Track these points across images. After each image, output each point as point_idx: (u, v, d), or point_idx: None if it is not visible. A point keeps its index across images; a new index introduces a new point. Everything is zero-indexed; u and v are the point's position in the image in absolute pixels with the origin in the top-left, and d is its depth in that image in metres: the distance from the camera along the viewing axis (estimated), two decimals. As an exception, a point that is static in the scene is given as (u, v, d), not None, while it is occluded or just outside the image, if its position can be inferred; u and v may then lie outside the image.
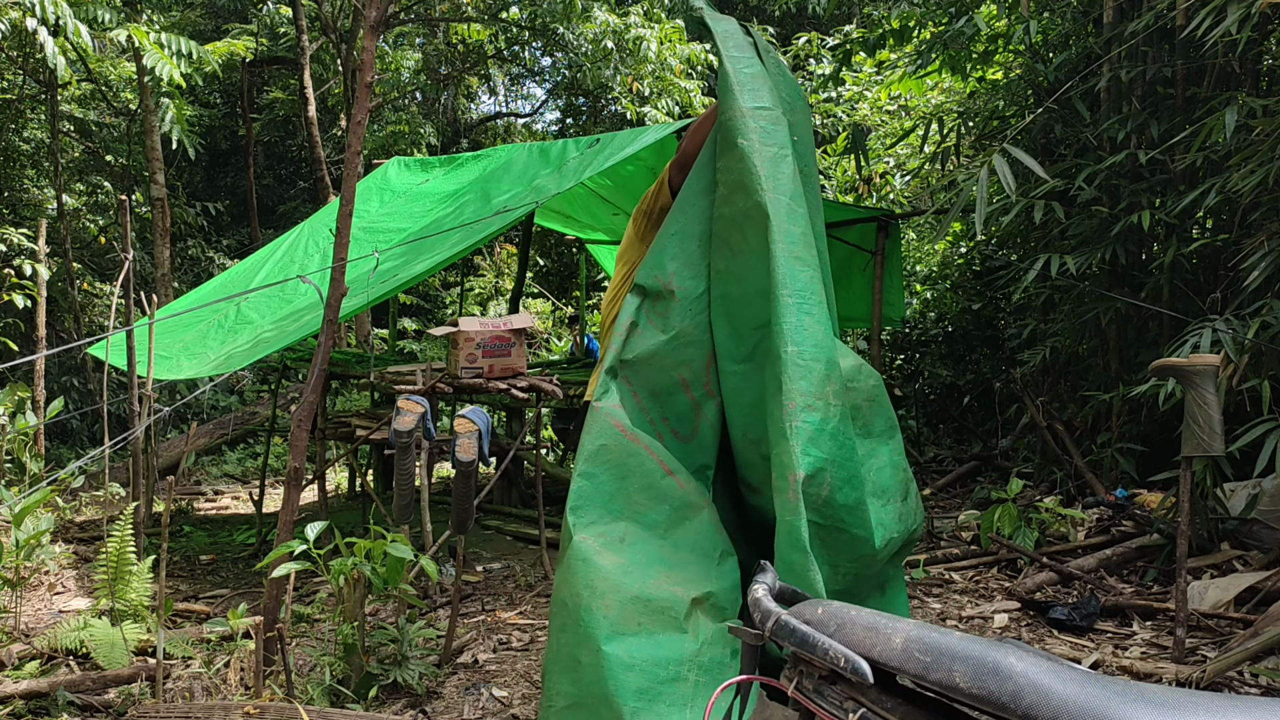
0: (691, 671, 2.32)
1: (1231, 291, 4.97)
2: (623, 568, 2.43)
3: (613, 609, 2.36)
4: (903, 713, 1.60)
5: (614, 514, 2.53)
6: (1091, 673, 1.49)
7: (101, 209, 13.81)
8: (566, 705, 2.35)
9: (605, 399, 2.66)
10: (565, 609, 2.42)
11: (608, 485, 2.55)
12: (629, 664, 2.30)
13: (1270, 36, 5.30)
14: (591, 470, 2.56)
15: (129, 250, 5.04)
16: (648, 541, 2.51)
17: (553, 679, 2.41)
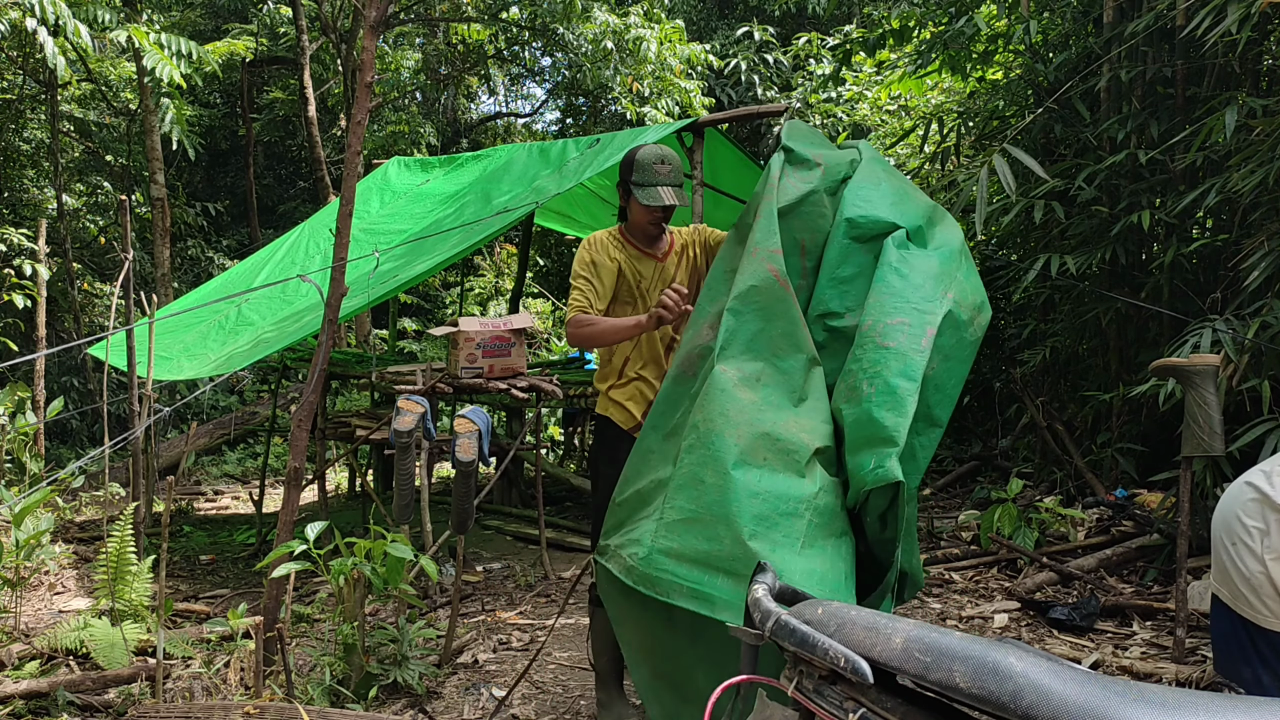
0: (808, 511, 2.40)
1: (1231, 291, 4.97)
2: (756, 405, 2.54)
3: (744, 439, 2.46)
4: (903, 713, 1.60)
5: (754, 354, 2.64)
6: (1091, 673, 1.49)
7: (101, 209, 13.81)
8: (680, 519, 2.44)
9: (768, 240, 2.74)
10: (696, 432, 2.52)
11: (752, 325, 2.66)
12: (753, 491, 2.40)
13: (1270, 36, 5.30)
14: (740, 308, 2.67)
15: (129, 250, 5.04)
16: (780, 386, 2.60)
17: (672, 495, 2.49)
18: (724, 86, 15.44)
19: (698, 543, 2.39)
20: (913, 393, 2.46)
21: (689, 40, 13.90)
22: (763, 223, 2.77)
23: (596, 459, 3.37)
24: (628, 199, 3.21)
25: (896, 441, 2.39)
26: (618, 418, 3.27)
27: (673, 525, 2.45)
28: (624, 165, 3.22)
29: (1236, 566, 2.83)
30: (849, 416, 2.51)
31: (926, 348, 2.52)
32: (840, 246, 2.82)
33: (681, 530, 2.43)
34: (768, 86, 14.95)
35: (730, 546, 2.35)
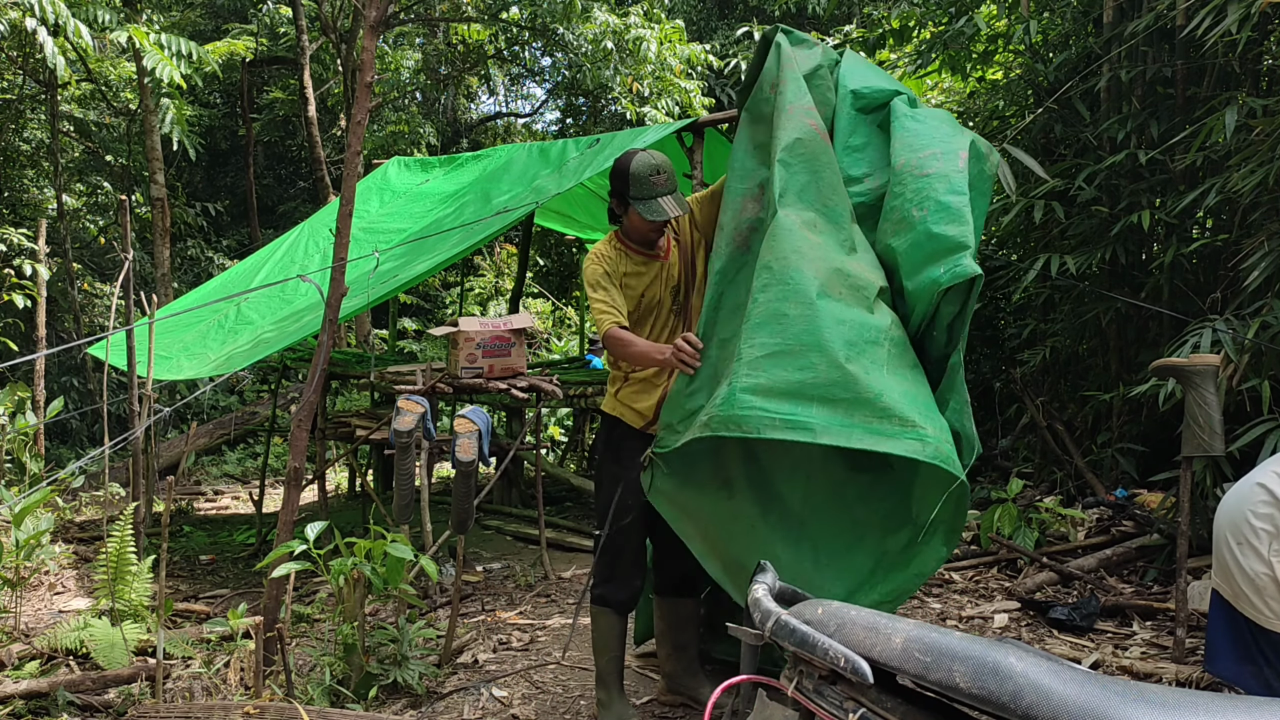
0: (886, 341, 2.49)
1: (1231, 291, 4.97)
2: (823, 245, 2.64)
3: (821, 273, 2.54)
4: (903, 713, 1.60)
5: (806, 203, 2.72)
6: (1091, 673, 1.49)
7: (101, 209, 13.81)
8: (765, 355, 2.47)
9: (801, 99, 2.85)
10: (770, 271, 2.58)
11: (801, 176, 2.74)
12: (840, 319, 2.47)
13: (1270, 36, 5.30)
14: (788, 160, 2.76)
15: (129, 250, 5.04)
16: (833, 235, 2.69)
17: (750, 334, 2.52)
18: (724, 86, 15.44)
19: (789, 374, 2.42)
20: (966, 205, 2.58)
21: (689, 40, 13.89)
22: (792, 86, 2.89)
23: (603, 458, 3.37)
24: (624, 209, 3.19)
25: (966, 244, 2.50)
26: (628, 418, 3.29)
27: (756, 362, 2.48)
28: (616, 176, 3.18)
29: (1240, 566, 2.83)
30: (904, 244, 2.60)
31: (964, 167, 2.66)
32: (848, 117, 2.97)
33: (768, 365, 2.45)
34: (768, 86, 14.92)
35: (826, 371, 2.39)
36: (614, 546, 3.27)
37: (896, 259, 2.63)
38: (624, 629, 3.34)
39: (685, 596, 3.45)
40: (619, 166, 3.18)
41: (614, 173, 3.20)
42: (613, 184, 3.21)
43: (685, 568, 3.42)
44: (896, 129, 2.82)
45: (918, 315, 2.59)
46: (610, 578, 3.28)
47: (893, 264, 2.66)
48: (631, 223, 3.19)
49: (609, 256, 3.21)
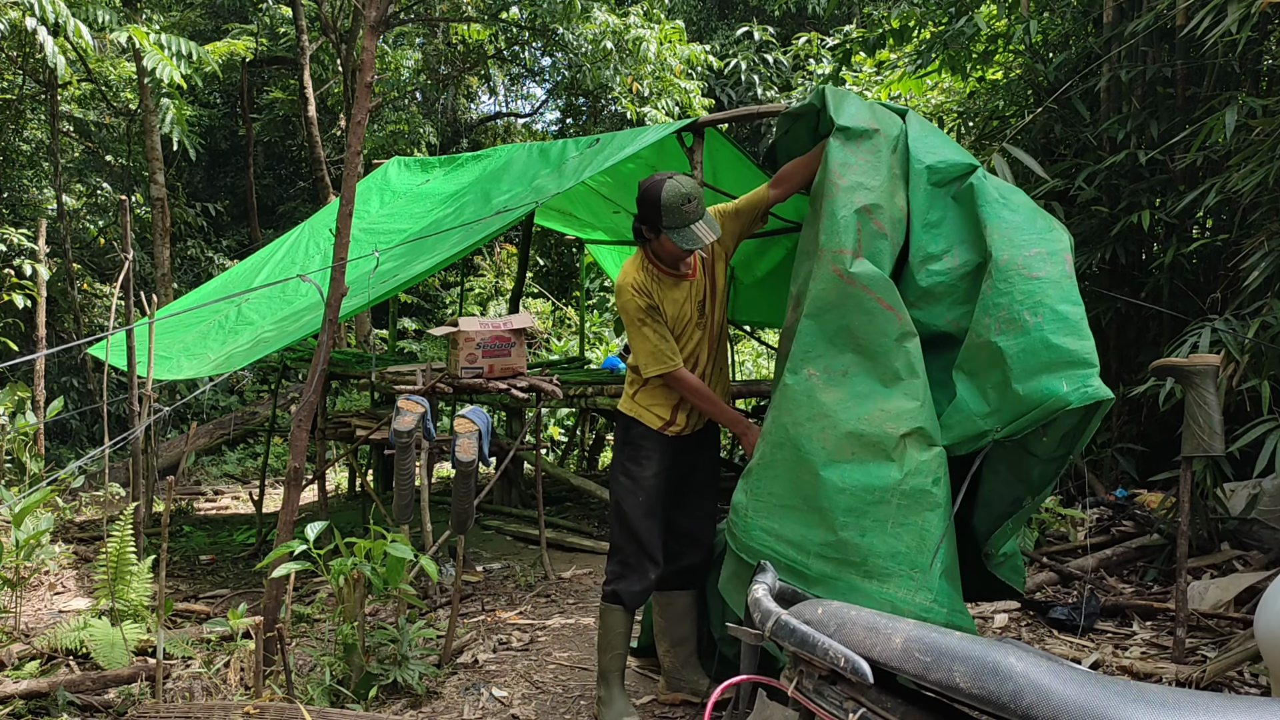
0: (894, 497, 2.65)
1: (1231, 291, 4.97)
2: (842, 402, 2.76)
3: (830, 441, 2.72)
4: (903, 713, 1.60)
5: (840, 348, 2.84)
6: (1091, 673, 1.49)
7: (101, 209, 13.81)
8: (779, 505, 2.78)
9: (831, 242, 2.88)
10: (785, 432, 2.81)
11: (833, 323, 2.85)
12: (841, 487, 2.67)
13: (1270, 36, 5.30)
14: (817, 313, 2.88)
15: (129, 251, 5.04)
16: (869, 373, 2.79)
17: (767, 481, 2.83)
18: (724, 86, 15.44)
19: (795, 527, 2.74)
20: (1083, 318, 2.61)
21: (689, 40, 13.90)
22: (826, 223, 2.90)
23: (619, 457, 3.38)
24: (655, 234, 3.17)
25: (1091, 362, 2.54)
26: (646, 419, 3.33)
27: (771, 510, 2.79)
28: (646, 205, 3.14)
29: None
30: (1014, 346, 2.63)
31: (1072, 273, 2.70)
32: (925, 193, 2.99)
33: (779, 515, 2.77)
34: (768, 86, 14.95)
35: (823, 535, 2.67)
36: (630, 544, 3.29)
37: (1004, 359, 2.64)
38: (630, 627, 3.35)
39: (684, 590, 3.46)
40: (648, 197, 3.13)
41: (643, 201, 3.17)
42: (642, 212, 3.19)
43: (688, 561, 3.43)
44: (990, 215, 2.82)
45: (1022, 423, 2.61)
46: (623, 575, 3.29)
47: (992, 361, 2.68)
48: (664, 248, 3.19)
49: (645, 287, 3.21)
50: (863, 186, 2.91)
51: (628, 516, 3.29)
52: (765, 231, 8.32)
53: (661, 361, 3.19)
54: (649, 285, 3.22)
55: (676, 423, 3.34)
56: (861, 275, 2.80)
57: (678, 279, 3.29)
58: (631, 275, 3.23)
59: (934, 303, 2.90)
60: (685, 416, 3.35)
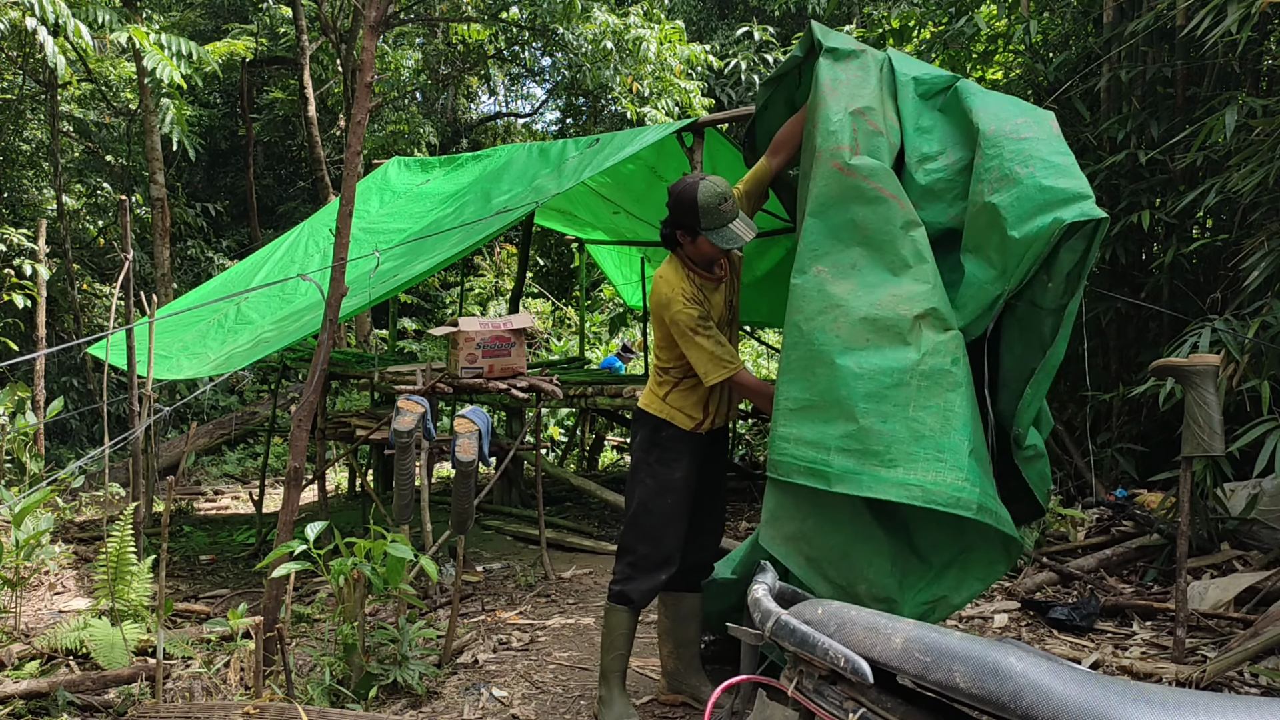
0: (914, 379, 2.64)
1: (1231, 291, 4.97)
2: (853, 292, 2.78)
3: (844, 329, 2.73)
4: (903, 713, 1.60)
5: (845, 242, 2.87)
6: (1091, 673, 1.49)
7: (101, 209, 13.81)
8: (796, 408, 2.75)
9: (828, 142, 2.95)
10: (799, 330, 2.81)
11: (836, 218, 2.89)
12: (858, 373, 2.66)
13: (1270, 36, 5.30)
14: (820, 210, 2.91)
15: (129, 251, 5.04)
16: (877, 263, 2.81)
17: (785, 387, 2.80)
18: (724, 86, 15.44)
19: (815, 425, 2.70)
20: (1074, 163, 2.68)
21: (689, 40, 13.89)
22: (821, 128, 2.97)
23: (647, 458, 3.31)
24: (692, 238, 3.16)
25: (1086, 194, 2.59)
26: (679, 420, 3.30)
27: (789, 414, 2.75)
28: (682, 209, 3.13)
29: None
30: (1007, 198, 2.68)
31: (1059, 134, 2.76)
32: (914, 103, 3.10)
33: (797, 418, 2.74)
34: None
35: (844, 426, 2.64)
36: (647, 546, 3.26)
37: (999, 215, 2.68)
38: (634, 628, 3.34)
39: (689, 591, 3.46)
40: (683, 199, 3.12)
41: (677, 205, 3.15)
42: (675, 215, 3.17)
43: (697, 561, 3.43)
44: (974, 103, 2.92)
45: (1025, 264, 2.64)
46: (632, 576, 3.27)
47: (990, 221, 2.73)
48: (700, 250, 3.18)
49: (691, 294, 3.19)
50: (855, 95, 3.02)
51: (652, 519, 3.25)
52: (765, 231, 8.34)
53: (723, 367, 3.14)
54: (697, 294, 3.20)
55: (707, 420, 3.32)
56: (861, 167, 2.86)
57: (715, 282, 3.29)
58: (678, 286, 3.19)
59: (935, 200, 2.96)
60: (714, 411, 3.33)
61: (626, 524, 3.35)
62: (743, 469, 8.28)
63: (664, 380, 3.33)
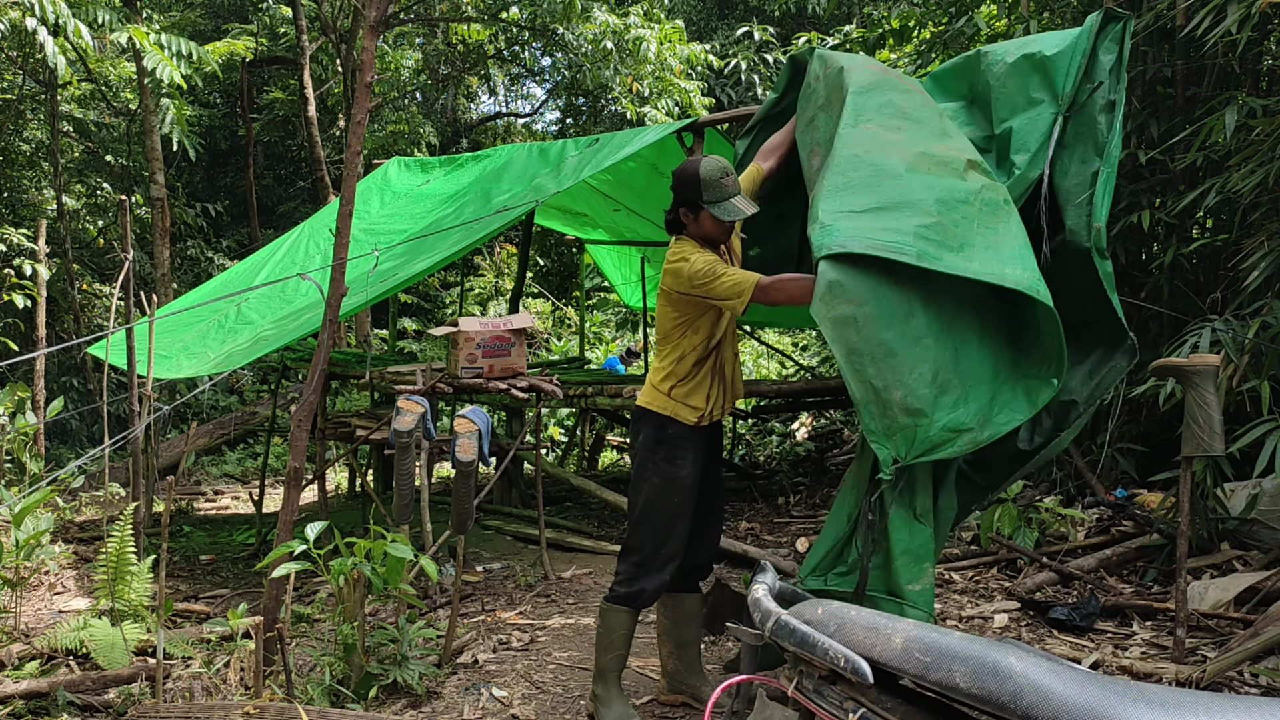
0: (975, 201, 2.73)
1: (1231, 291, 4.97)
2: (908, 137, 2.91)
3: (907, 156, 2.81)
4: (903, 713, 1.60)
5: (888, 114, 2.99)
6: (1091, 673, 1.49)
7: (101, 210, 13.81)
8: (864, 210, 2.71)
9: (862, 65, 3.22)
10: (858, 159, 2.84)
11: (879, 97, 3.03)
12: (929, 184, 2.73)
13: (1270, 36, 5.30)
14: (860, 90, 3.05)
15: (129, 251, 5.04)
16: (920, 128, 2.96)
17: (846, 197, 2.75)
18: (724, 86, 15.45)
19: (888, 219, 2.67)
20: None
21: (689, 40, 13.89)
22: (851, 77, 3.13)
23: (653, 456, 3.28)
24: (695, 215, 3.17)
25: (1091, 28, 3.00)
26: (683, 415, 3.27)
27: (858, 214, 2.70)
28: (685, 185, 3.15)
29: None
30: (1031, 48, 3.05)
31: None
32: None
33: (868, 217, 2.69)
34: (768, 86, 14.94)
35: (920, 219, 2.65)
36: (654, 545, 3.25)
37: (1031, 56, 3.01)
38: (634, 629, 3.34)
39: (690, 592, 3.46)
40: (686, 176, 3.15)
41: (680, 183, 3.17)
42: (679, 194, 3.18)
43: (699, 560, 3.43)
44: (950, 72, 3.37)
45: (1072, 71, 2.93)
46: (637, 576, 3.26)
47: (1024, 70, 3.04)
48: (704, 227, 3.18)
49: (700, 250, 3.18)
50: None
51: (659, 517, 3.24)
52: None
53: (747, 281, 3.04)
54: (703, 250, 3.20)
55: (710, 411, 3.30)
56: (897, 72, 3.10)
57: (718, 257, 3.28)
58: (686, 249, 3.19)
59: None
60: (714, 402, 3.31)
61: (633, 524, 3.33)
62: (742, 469, 8.28)
63: (666, 376, 3.31)
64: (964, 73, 3.32)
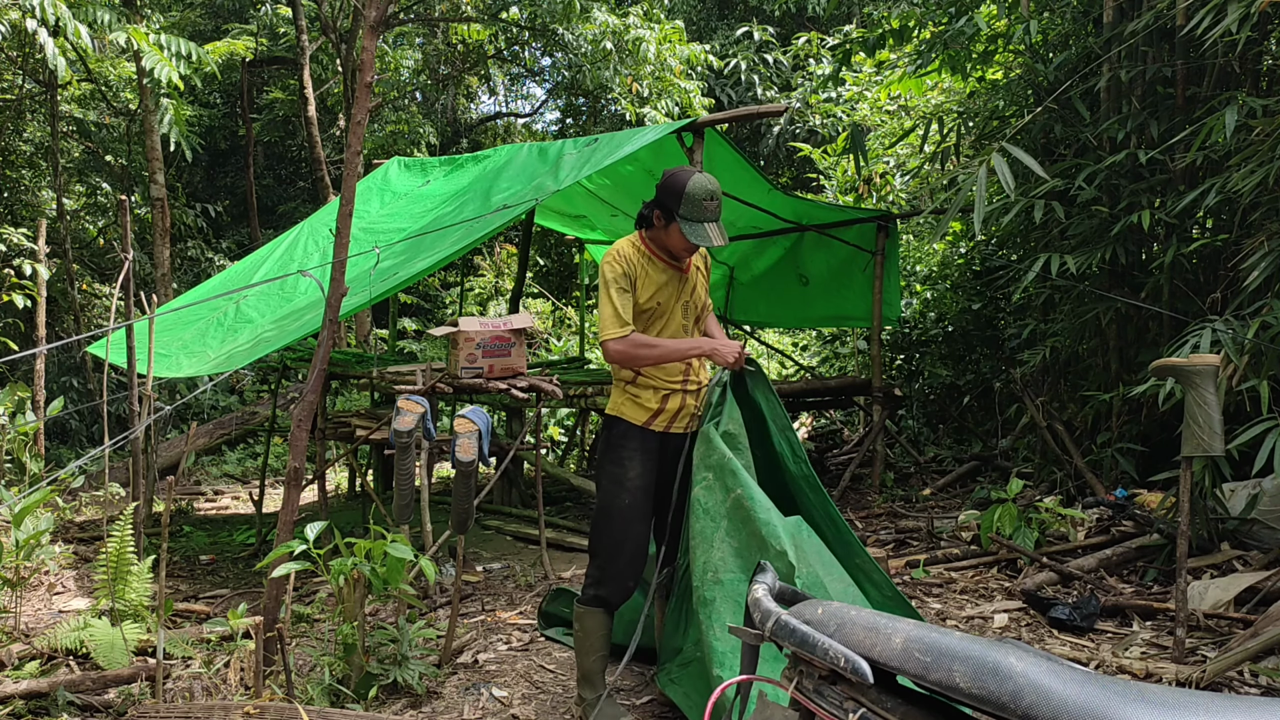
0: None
1: (1231, 291, 4.97)
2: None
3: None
4: (903, 713, 1.60)
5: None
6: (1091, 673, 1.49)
7: (101, 210, 13.81)
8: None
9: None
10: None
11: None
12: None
13: (1270, 36, 5.30)
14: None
15: (129, 251, 5.04)
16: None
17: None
18: (724, 86, 15.45)
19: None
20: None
21: (689, 40, 13.90)
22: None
23: (602, 458, 3.34)
24: (666, 222, 3.16)
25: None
26: (628, 413, 3.27)
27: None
28: (668, 190, 3.13)
29: None
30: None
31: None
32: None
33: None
34: (768, 86, 14.95)
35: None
36: (610, 548, 3.26)
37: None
38: (610, 627, 3.33)
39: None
40: (673, 182, 3.12)
41: (664, 188, 3.14)
42: (660, 196, 3.16)
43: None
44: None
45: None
46: (601, 580, 3.27)
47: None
48: (669, 237, 3.18)
49: (629, 257, 3.19)
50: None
51: (610, 520, 3.24)
52: (762, 232, 8.36)
53: (619, 324, 3.11)
54: (632, 259, 3.21)
55: (661, 418, 3.27)
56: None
57: (669, 267, 3.27)
58: (619, 246, 3.24)
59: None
60: (673, 410, 3.28)
61: (591, 525, 3.36)
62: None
63: (619, 376, 3.32)
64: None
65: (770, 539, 2.96)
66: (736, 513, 3.08)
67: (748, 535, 3.05)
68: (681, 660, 3.31)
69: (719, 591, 3.00)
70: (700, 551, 3.09)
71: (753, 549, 3.01)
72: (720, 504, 3.13)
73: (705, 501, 3.16)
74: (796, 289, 8.31)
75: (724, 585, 3.00)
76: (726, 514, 3.11)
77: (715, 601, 2.98)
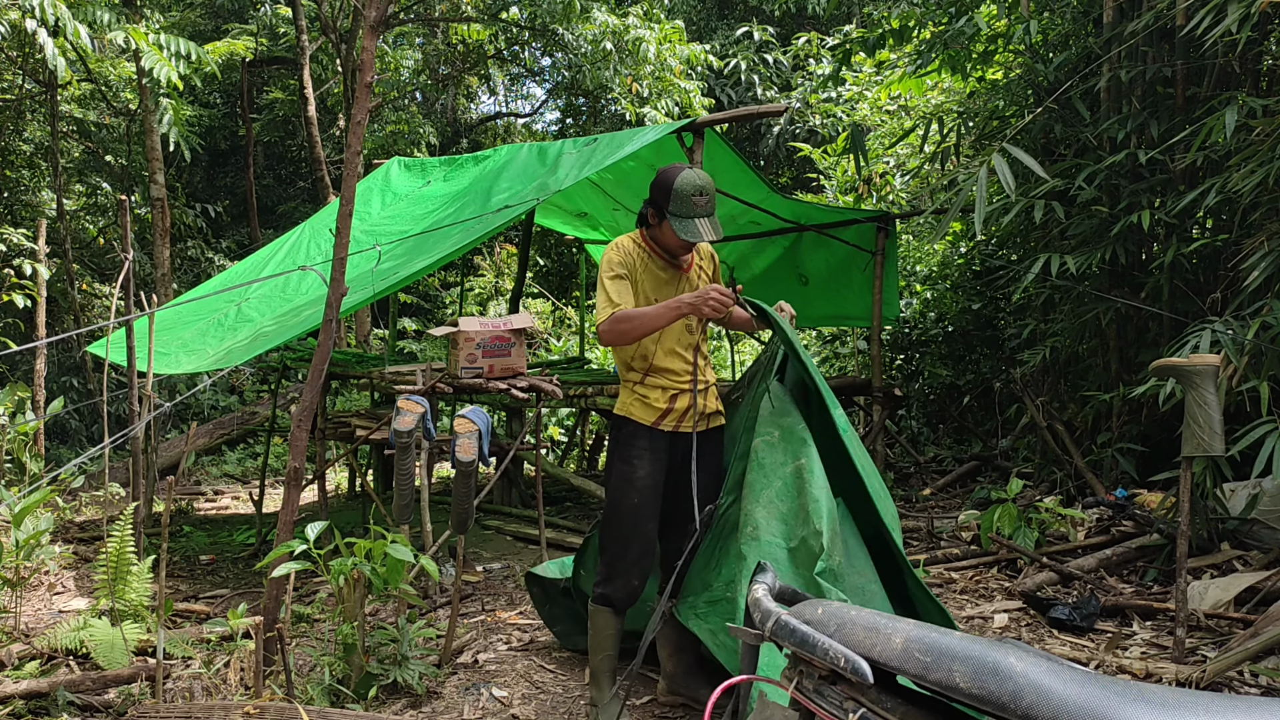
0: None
1: (1231, 291, 4.97)
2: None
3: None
4: (903, 713, 1.60)
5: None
6: (1091, 673, 1.49)
7: (101, 210, 13.81)
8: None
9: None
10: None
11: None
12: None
13: (1270, 36, 5.30)
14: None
15: (128, 251, 5.04)
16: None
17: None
18: (724, 86, 15.45)
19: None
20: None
21: (689, 40, 13.90)
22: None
23: (611, 458, 3.33)
24: (659, 220, 3.17)
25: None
26: (637, 414, 3.27)
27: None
28: (659, 187, 3.14)
29: None
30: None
31: None
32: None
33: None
34: (768, 86, 14.95)
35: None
36: (618, 546, 3.26)
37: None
38: (620, 628, 3.34)
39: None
40: (663, 180, 3.13)
41: (656, 184, 3.16)
42: (652, 194, 3.18)
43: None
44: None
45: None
46: (610, 578, 3.28)
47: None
48: (664, 234, 3.19)
49: (629, 250, 3.21)
50: None
51: (620, 519, 3.24)
52: (762, 232, 8.35)
53: (609, 307, 3.09)
54: (632, 252, 3.22)
55: (669, 418, 3.28)
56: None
57: (670, 266, 3.28)
58: (620, 239, 3.26)
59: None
60: (682, 410, 3.28)
61: (601, 525, 3.37)
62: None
63: (625, 377, 3.33)
64: None
65: (814, 516, 3.02)
66: (795, 480, 3.13)
67: (797, 505, 3.09)
68: (710, 598, 3.23)
69: (754, 549, 3.05)
70: (748, 502, 3.15)
71: (797, 519, 3.07)
72: (779, 465, 3.17)
73: (763, 458, 3.20)
74: (796, 288, 8.31)
75: (760, 545, 3.05)
76: (783, 477, 3.15)
77: (748, 559, 3.04)
